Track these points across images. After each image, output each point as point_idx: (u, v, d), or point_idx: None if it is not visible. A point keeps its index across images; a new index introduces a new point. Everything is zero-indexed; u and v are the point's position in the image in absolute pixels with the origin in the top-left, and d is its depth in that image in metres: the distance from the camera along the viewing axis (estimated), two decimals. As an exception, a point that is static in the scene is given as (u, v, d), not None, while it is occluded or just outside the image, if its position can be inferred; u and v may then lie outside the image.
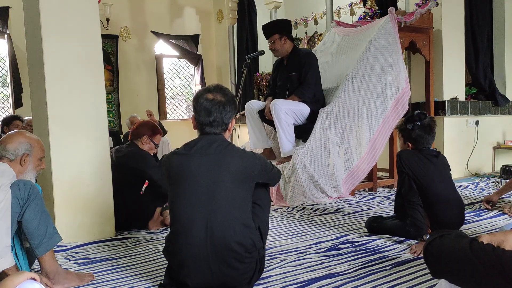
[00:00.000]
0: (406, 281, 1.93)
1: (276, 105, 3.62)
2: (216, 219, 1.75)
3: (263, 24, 4.02)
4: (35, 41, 2.66)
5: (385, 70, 3.91)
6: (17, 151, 1.97)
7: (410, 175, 2.42)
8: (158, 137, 3.20)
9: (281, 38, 3.80)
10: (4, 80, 6.57)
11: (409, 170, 2.43)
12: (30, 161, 2.01)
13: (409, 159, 2.46)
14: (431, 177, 2.45)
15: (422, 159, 2.48)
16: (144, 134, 3.11)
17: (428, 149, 2.53)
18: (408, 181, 2.42)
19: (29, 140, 2.03)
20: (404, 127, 2.57)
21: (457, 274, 1.16)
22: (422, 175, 2.43)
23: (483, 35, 5.38)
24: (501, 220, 2.99)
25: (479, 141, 5.13)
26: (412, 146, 2.54)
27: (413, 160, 2.46)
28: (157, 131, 3.20)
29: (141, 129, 3.14)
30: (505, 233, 1.28)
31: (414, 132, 2.50)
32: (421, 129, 2.49)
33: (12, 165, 1.94)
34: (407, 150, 2.54)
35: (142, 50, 7.58)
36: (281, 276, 2.02)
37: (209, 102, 1.83)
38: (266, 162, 1.96)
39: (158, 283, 1.97)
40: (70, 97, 2.65)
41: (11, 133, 2.06)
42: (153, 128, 3.20)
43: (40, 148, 2.07)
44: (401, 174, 2.46)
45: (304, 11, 7.45)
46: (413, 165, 2.44)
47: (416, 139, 2.51)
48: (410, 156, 2.48)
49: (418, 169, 2.44)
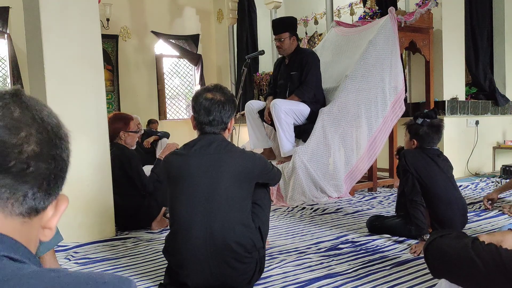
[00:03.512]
0: (406, 281, 1.93)
1: (276, 105, 3.62)
2: (215, 219, 1.75)
3: (274, 19, 4.02)
4: (35, 41, 2.66)
5: (384, 70, 3.92)
6: None
7: (414, 174, 2.41)
8: (132, 123, 3.07)
9: (291, 37, 3.82)
10: (4, 80, 6.57)
11: (413, 169, 2.42)
12: None
13: (414, 158, 2.45)
14: (434, 177, 2.44)
15: (426, 158, 2.47)
16: (118, 131, 2.99)
17: (432, 148, 2.54)
18: (412, 180, 2.41)
19: None
20: (413, 123, 2.55)
21: (458, 274, 1.16)
22: (426, 175, 2.43)
23: (483, 35, 5.38)
24: (501, 220, 2.99)
25: (479, 141, 5.12)
26: (417, 144, 2.53)
27: (417, 159, 2.45)
28: (127, 119, 3.07)
29: (112, 127, 2.96)
30: (503, 233, 1.28)
31: (422, 129, 2.49)
32: (429, 127, 2.49)
33: None
34: (412, 149, 2.53)
35: (142, 50, 7.58)
36: (281, 276, 2.02)
37: (208, 101, 1.83)
38: (266, 162, 1.96)
39: (158, 283, 1.97)
40: (70, 97, 2.65)
41: None
42: (121, 118, 3.05)
43: None
44: (405, 173, 2.45)
45: (304, 11, 7.45)
46: (417, 164, 2.44)
47: (423, 136, 2.50)
48: (415, 155, 2.47)
49: (422, 169, 2.43)
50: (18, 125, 0.56)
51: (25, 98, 0.59)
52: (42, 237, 0.62)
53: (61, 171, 0.61)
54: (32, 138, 0.56)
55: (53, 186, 0.60)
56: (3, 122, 0.55)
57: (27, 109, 0.58)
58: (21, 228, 0.57)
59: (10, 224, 0.56)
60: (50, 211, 0.62)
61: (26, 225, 0.58)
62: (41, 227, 0.62)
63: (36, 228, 0.60)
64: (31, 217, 0.58)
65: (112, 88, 7.21)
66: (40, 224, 0.61)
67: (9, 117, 0.56)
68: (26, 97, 0.60)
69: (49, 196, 0.60)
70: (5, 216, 0.56)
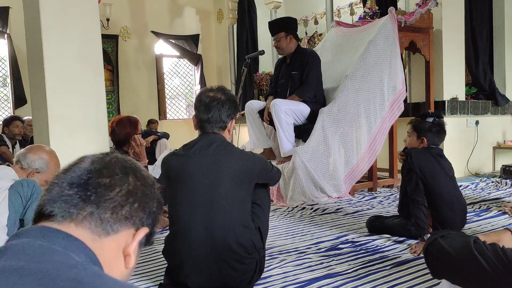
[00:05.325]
0: (406, 281, 1.92)
1: (276, 105, 3.62)
2: (215, 220, 1.74)
3: (270, 21, 4.02)
4: (35, 41, 2.66)
5: (383, 70, 3.92)
6: (32, 163, 2.00)
7: (418, 173, 2.41)
8: (139, 126, 2.94)
9: (287, 36, 3.81)
10: (4, 80, 6.57)
11: (417, 168, 2.41)
12: (37, 178, 2.02)
13: (419, 157, 2.44)
14: (437, 177, 2.44)
15: (430, 158, 2.47)
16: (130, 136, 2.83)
17: (437, 148, 2.54)
18: (416, 180, 2.40)
19: (49, 161, 2.05)
20: (422, 121, 2.55)
21: (460, 274, 1.15)
22: (430, 174, 2.42)
23: (483, 35, 5.37)
24: (501, 220, 2.98)
25: (479, 141, 5.12)
26: (426, 142, 2.52)
27: (423, 159, 2.45)
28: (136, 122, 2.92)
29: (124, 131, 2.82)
30: (498, 233, 1.28)
31: (435, 127, 2.52)
32: (439, 126, 2.52)
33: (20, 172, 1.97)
34: (417, 148, 2.52)
35: (142, 50, 7.58)
36: (281, 276, 2.02)
37: (209, 98, 1.85)
38: (265, 162, 1.96)
39: (158, 283, 1.97)
40: (70, 97, 2.66)
41: (42, 146, 2.10)
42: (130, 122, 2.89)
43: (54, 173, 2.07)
44: (409, 172, 2.43)
45: (304, 11, 7.45)
46: (422, 164, 2.43)
47: (434, 134, 2.52)
48: (421, 154, 2.47)
49: (426, 168, 2.42)
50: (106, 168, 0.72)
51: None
52: (126, 265, 0.72)
53: (137, 204, 0.72)
54: (106, 173, 0.71)
55: (125, 214, 0.71)
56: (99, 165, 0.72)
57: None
58: (91, 244, 0.66)
59: (82, 233, 0.66)
60: (126, 237, 0.72)
61: (96, 243, 0.67)
62: (123, 255, 0.71)
63: (111, 251, 0.69)
64: (100, 236, 0.68)
65: (112, 88, 7.21)
66: (119, 249, 0.70)
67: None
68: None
69: (118, 221, 0.70)
70: (76, 225, 0.67)
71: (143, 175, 0.76)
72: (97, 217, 0.67)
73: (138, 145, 2.88)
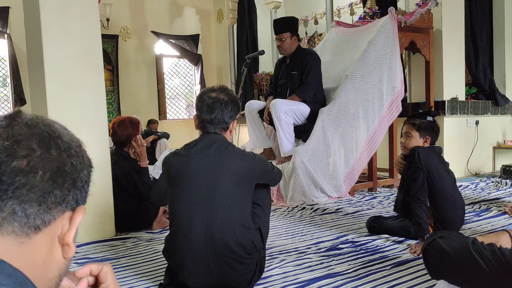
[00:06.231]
0: (406, 281, 1.93)
1: (276, 105, 3.62)
2: (215, 220, 1.75)
3: (276, 19, 4.04)
4: (35, 41, 2.66)
5: (383, 70, 3.92)
6: None
7: (425, 172, 2.40)
8: (140, 127, 3.02)
9: (291, 37, 3.83)
10: (4, 80, 6.57)
11: (425, 167, 2.39)
12: None
13: (427, 156, 2.42)
14: (442, 176, 2.44)
15: (436, 157, 2.47)
16: (131, 137, 2.91)
17: (438, 146, 2.54)
18: (422, 179, 2.39)
19: None
20: (423, 120, 2.54)
21: (459, 274, 1.16)
22: (435, 174, 2.41)
23: (483, 35, 5.37)
24: (501, 220, 2.98)
25: (479, 141, 5.12)
26: (431, 141, 2.52)
27: (430, 157, 2.43)
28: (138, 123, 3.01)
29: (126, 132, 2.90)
30: (497, 234, 1.28)
31: (436, 126, 2.52)
32: (436, 125, 2.53)
33: None
34: (424, 147, 2.50)
35: (142, 50, 7.59)
36: (281, 276, 2.02)
37: (212, 99, 1.84)
38: (266, 163, 1.96)
39: (158, 283, 1.97)
40: (70, 97, 2.65)
41: None
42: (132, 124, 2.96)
43: None
44: (417, 171, 2.40)
45: (304, 11, 7.45)
46: (429, 162, 2.41)
47: (437, 132, 2.53)
48: (428, 153, 2.45)
49: (433, 167, 2.41)
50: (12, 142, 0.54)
51: (24, 116, 0.58)
52: (64, 255, 0.59)
53: (68, 183, 0.57)
54: (20, 152, 0.53)
55: (57, 200, 0.55)
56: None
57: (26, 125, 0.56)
58: (19, 250, 0.53)
59: (3, 242, 0.51)
60: (62, 225, 0.57)
61: (25, 246, 0.53)
62: (60, 245, 0.58)
63: (44, 247, 0.55)
64: (29, 235, 0.53)
65: (112, 88, 7.21)
66: (53, 240, 0.57)
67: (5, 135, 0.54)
68: (25, 114, 0.58)
69: (49, 210, 0.55)
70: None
71: (66, 140, 0.59)
72: (22, 215, 0.52)
73: (139, 146, 2.91)
